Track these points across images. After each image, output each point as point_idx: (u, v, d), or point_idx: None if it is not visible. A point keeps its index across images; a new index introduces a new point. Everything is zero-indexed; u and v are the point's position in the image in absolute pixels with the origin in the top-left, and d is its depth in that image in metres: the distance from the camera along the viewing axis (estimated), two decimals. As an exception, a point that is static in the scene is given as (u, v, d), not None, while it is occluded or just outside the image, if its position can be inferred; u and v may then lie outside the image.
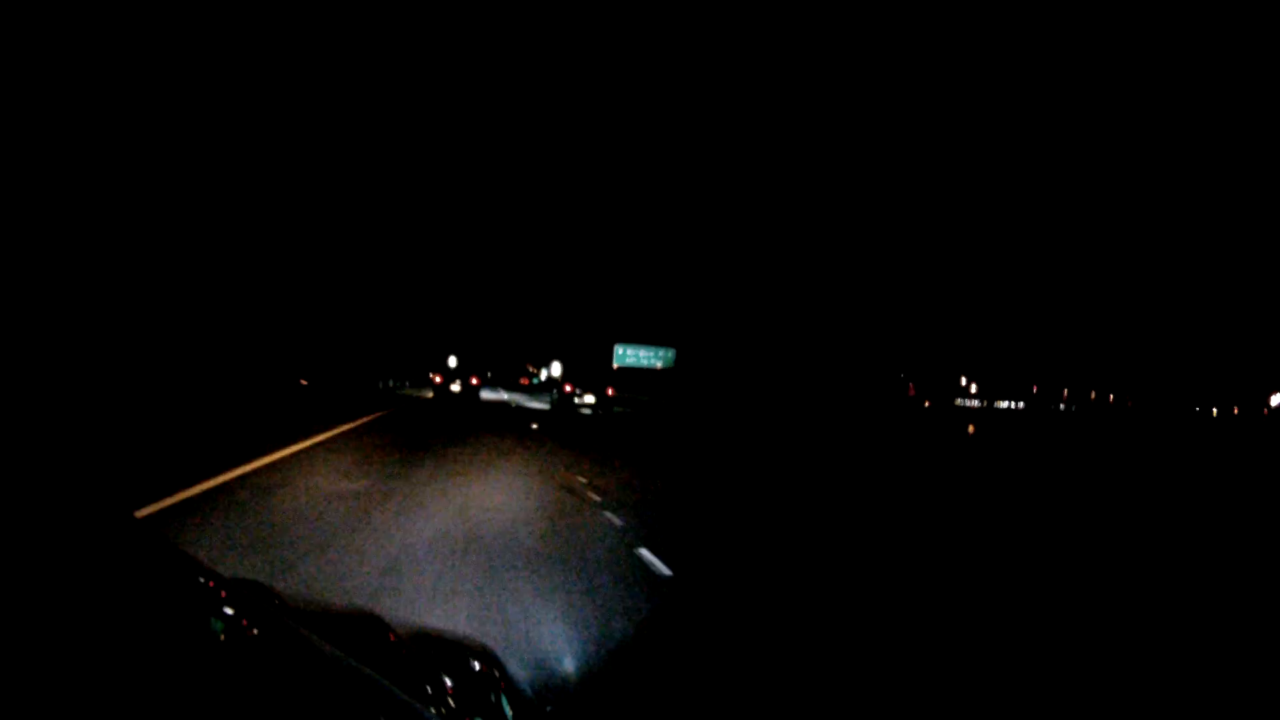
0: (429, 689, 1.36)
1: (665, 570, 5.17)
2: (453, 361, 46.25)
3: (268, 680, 1.10)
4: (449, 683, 1.44)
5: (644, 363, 45.88)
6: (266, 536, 5.46)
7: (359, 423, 15.67)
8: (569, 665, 3.42)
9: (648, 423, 24.03)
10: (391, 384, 43.66)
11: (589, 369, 47.54)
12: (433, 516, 6.51)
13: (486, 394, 43.06)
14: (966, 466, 15.38)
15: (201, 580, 1.58)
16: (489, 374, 78.04)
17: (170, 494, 6.62)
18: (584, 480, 9.37)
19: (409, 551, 5.25)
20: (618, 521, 6.75)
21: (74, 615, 0.95)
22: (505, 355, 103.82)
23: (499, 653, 1.77)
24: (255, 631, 1.31)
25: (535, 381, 74.84)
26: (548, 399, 36.97)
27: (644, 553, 5.60)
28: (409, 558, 5.08)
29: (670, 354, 46.49)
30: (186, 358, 19.42)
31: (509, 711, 1.46)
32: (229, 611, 1.35)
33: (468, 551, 5.36)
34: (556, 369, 61.28)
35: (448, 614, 4.00)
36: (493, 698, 1.52)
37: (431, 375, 37.20)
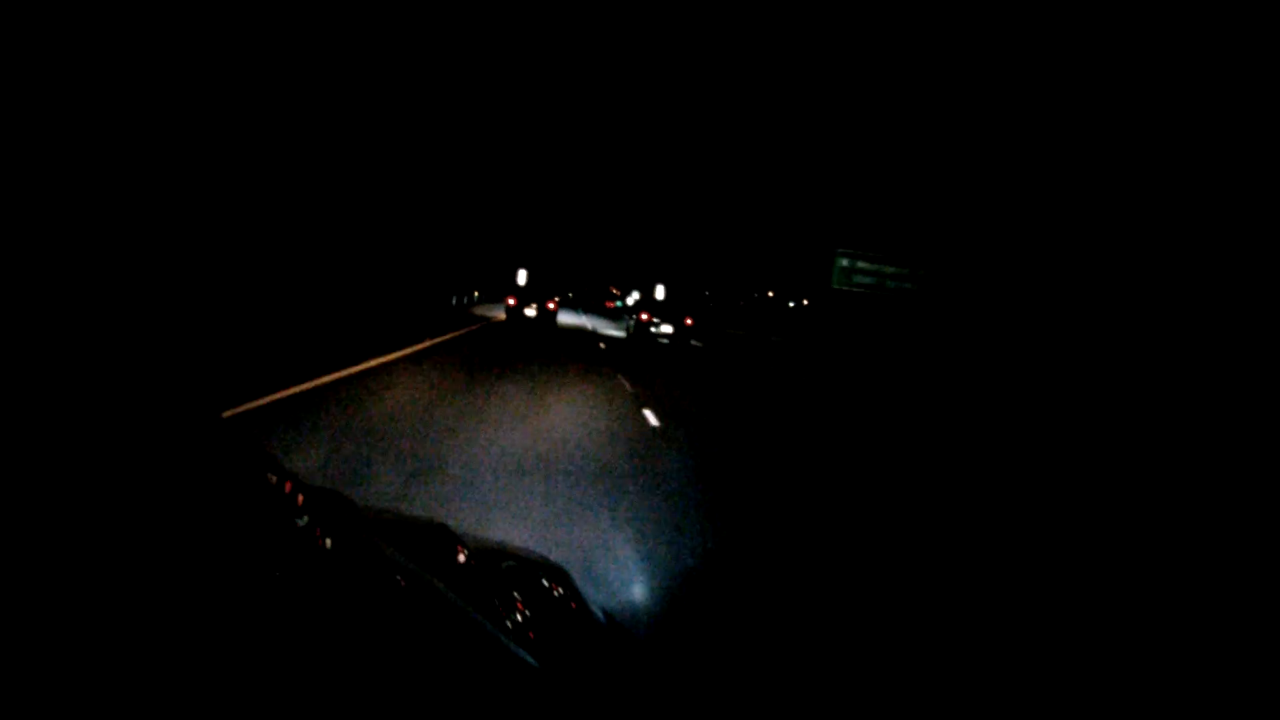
0: (498, 603, 1.41)
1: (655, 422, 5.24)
2: (522, 277, 43.24)
3: (338, 590, 1.17)
4: (518, 597, 1.50)
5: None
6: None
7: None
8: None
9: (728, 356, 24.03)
10: (465, 300, 42.08)
11: (670, 296, 47.34)
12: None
13: (566, 317, 41.36)
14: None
15: (282, 486, 1.69)
16: (570, 294, 76.96)
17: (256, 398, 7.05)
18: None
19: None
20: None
21: (156, 515, 1.03)
22: (590, 274, 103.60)
23: (568, 568, 1.82)
24: (329, 541, 1.39)
25: (619, 305, 74.26)
26: (623, 326, 37.02)
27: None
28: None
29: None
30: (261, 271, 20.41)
31: (577, 627, 1.50)
32: (305, 520, 1.44)
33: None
34: (634, 296, 60.88)
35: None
36: (561, 613, 1.55)
37: (506, 298, 34.44)
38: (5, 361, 1.12)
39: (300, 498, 1.56)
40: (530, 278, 44.12)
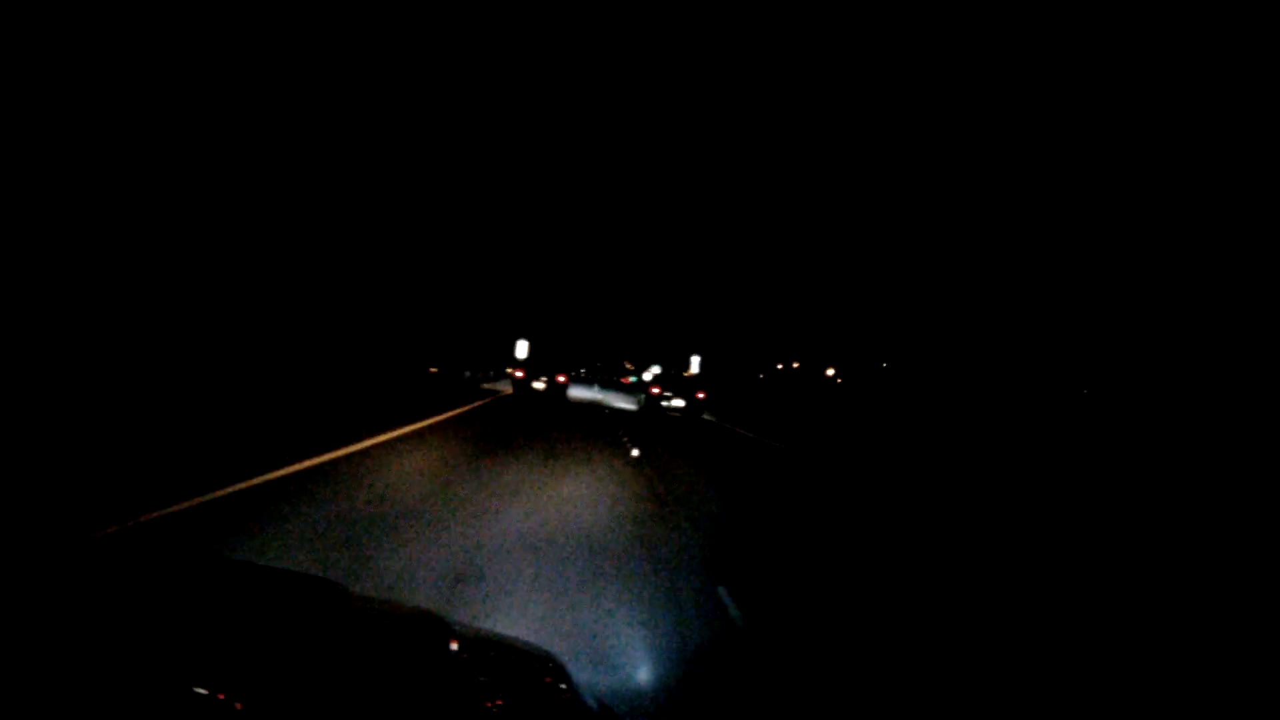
0: (488, 698, 1.41)
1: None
2: (522, 349, 39.78)
3: (322, 684, 1.19)
4: (507, 687, 1.50)
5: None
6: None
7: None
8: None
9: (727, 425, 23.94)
10: (468, 374, 41.98)
11: (679, 373, 47.63)
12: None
13: (577, 392, 40.23)
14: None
15: (263, 579, 1.72)
16: (582, 370, 76.99)
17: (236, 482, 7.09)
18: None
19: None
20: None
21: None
22: (605, 350, 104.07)
23: (564, 661, 1.82)
24: (317, 634, 1.41)
25: (634, 381, 75.06)
26: (635, 400, 37.09)
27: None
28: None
29: None
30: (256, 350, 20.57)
31: (567, 716, 1.47)
32: (290, 613, 1.47)
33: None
34: (650, 373, 61.02)
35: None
36: (551, 703, 1.55)
37: (511, 370, 33.10)
38: None
39: (285, 593, 1.59)
40: (534, 350, 41.78)
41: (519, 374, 31.72)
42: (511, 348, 46.32)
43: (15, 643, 1.09)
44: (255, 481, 7.07)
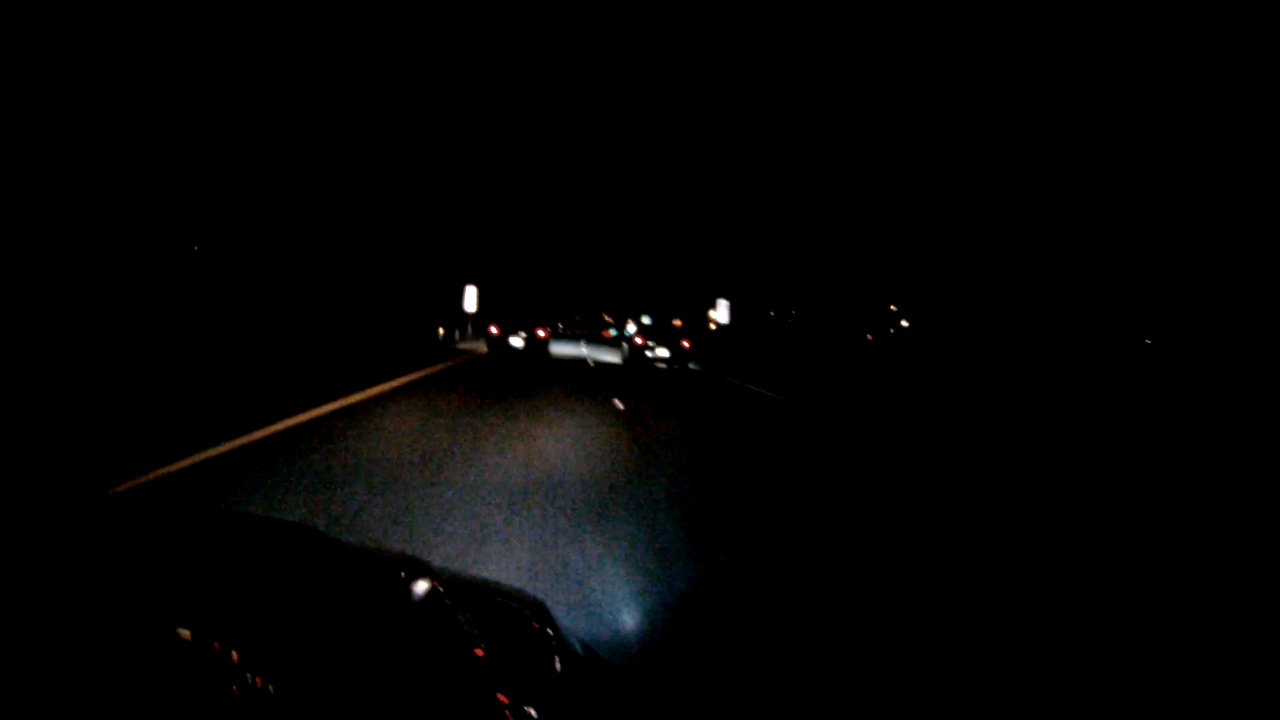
0: (473, 644, 1.44)
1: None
2: (470, 299, 36.25)
3: (305, 628, 1.22)
4: (491, 631, 1.53)
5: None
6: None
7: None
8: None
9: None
10: (446, 333, 40.59)
11: (668, 323, 47.50)
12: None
13: (559, 348, 38.68)
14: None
15: (242, 524, 1.75)
16: (559, 324, 75.58)
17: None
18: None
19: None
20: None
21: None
22: (585, 302, 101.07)
23: (550, 606, 1.86)
24: (296, 576, 1.45)
25: (615, 334, 74.58)
26: (619, 353, 37.12)
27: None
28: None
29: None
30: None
31: (558, 668, 1.50)
32: (267, 555, 1.50)
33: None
34: (632, 327, 60.36)
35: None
36: (539, 654, 1.58)
37: (488, 326, 31.18)
38: None
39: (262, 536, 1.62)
40: (493, 300, 38.64)
41: (494, 330, 30.30)
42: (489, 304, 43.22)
43: (16, 595, 1.13)
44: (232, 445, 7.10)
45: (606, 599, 4.07)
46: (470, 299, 36.94)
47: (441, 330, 37.25)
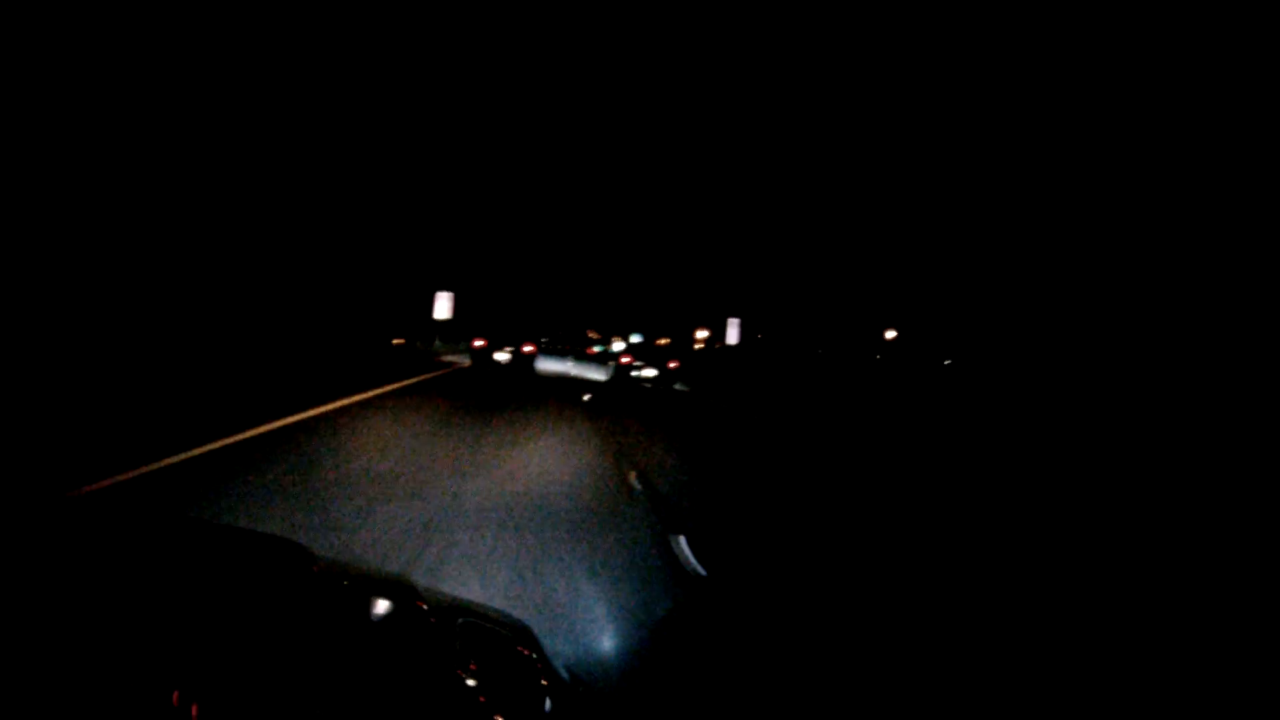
0: (459, 666, 1.44)
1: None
2: (443, 306, 33.27)
3: (287, 647, 1.22)
4: (476, 654, 1.53)
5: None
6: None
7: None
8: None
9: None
10: (429, 344, 39.17)
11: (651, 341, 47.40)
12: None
13: (545, 364, 37.29)
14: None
15: (225, 540, 1.74)
16: (543, 339, 74.80)
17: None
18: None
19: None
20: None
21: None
22: (570, 317, 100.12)
23: (535, 629, 1.86)
24: (281, 595, 1.44)
25: (600, 351, 74.45)
26: (605, 370, 37.09)
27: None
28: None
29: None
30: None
31: (544, 694, 1.51)
32: (253, 574, 1.49)
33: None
34: (619, 345, 60.00)
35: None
36: (527, 679, 1.58)
37: (471, 340, 30.45)
38: None
39: (248, 554, 1.61)
40: (458, 305, 35.47)
41: (478, 343, 29.80)
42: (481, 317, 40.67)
43: None
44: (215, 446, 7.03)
45: (590, 622, 4.06)
46: (443, 306, 33.47)
47: (401, 340, 34.41)
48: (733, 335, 41.57)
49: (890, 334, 46.65)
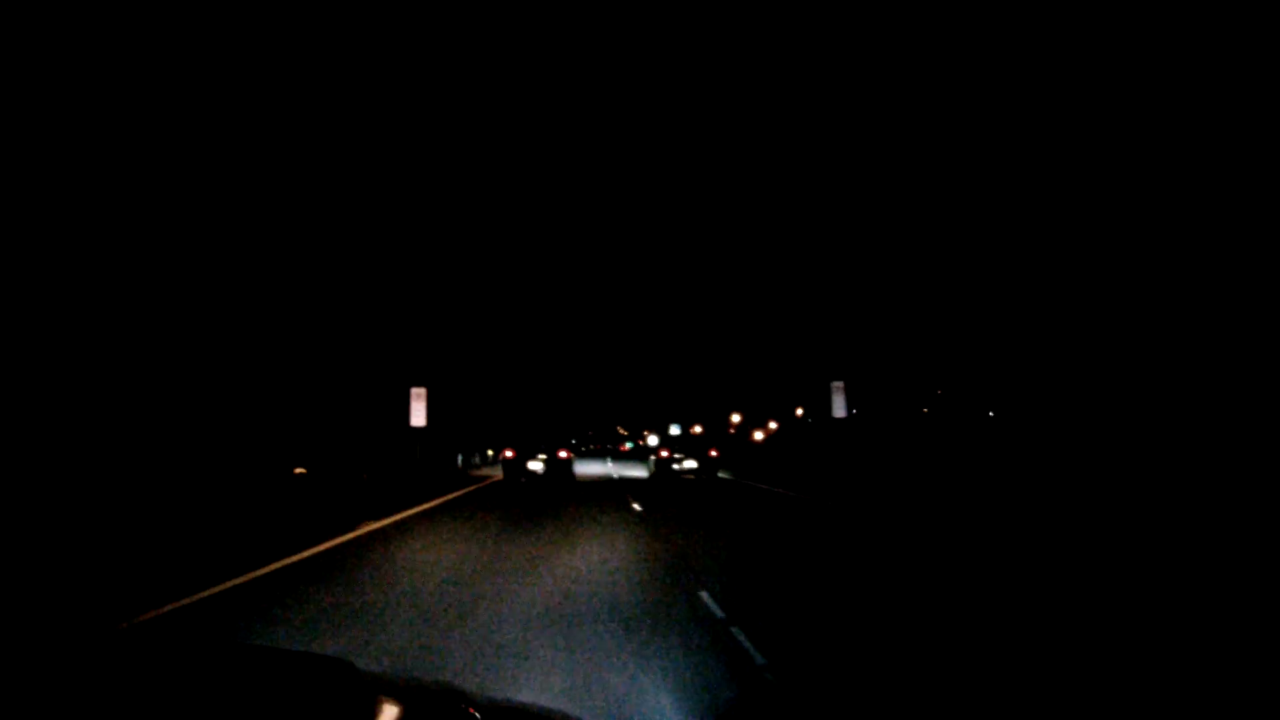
0: None
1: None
2: (419, 411, 23.49)
3: None
4: None
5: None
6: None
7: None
8: None
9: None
10: (468, 460, 37.86)
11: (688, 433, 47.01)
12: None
13: (585, 468, 35.90)
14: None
15: (273, 662, 1.77)
16: (573, 440, 74.02)
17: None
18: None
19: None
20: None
21: None
22: (594, 418, 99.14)
23: None
24: (331, 714, 1.46)
25: (632, 447, 74.17)
26: (645, 466, 36.99)
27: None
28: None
29: None
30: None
31: None
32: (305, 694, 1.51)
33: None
34: (653, 439, 59.40)
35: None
36: None
37: (502, 451, 29.34)
38: None
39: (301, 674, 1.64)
40: (433, 401, 27.63)
41: (509, 453, 28.54)
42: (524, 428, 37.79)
43: None
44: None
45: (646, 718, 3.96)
46: (418, 411, 24.65)
47: (303, 470, 24.77)
48: (839, 407, 33.05)
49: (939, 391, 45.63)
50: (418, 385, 24.94)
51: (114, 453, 16.29)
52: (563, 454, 28.69)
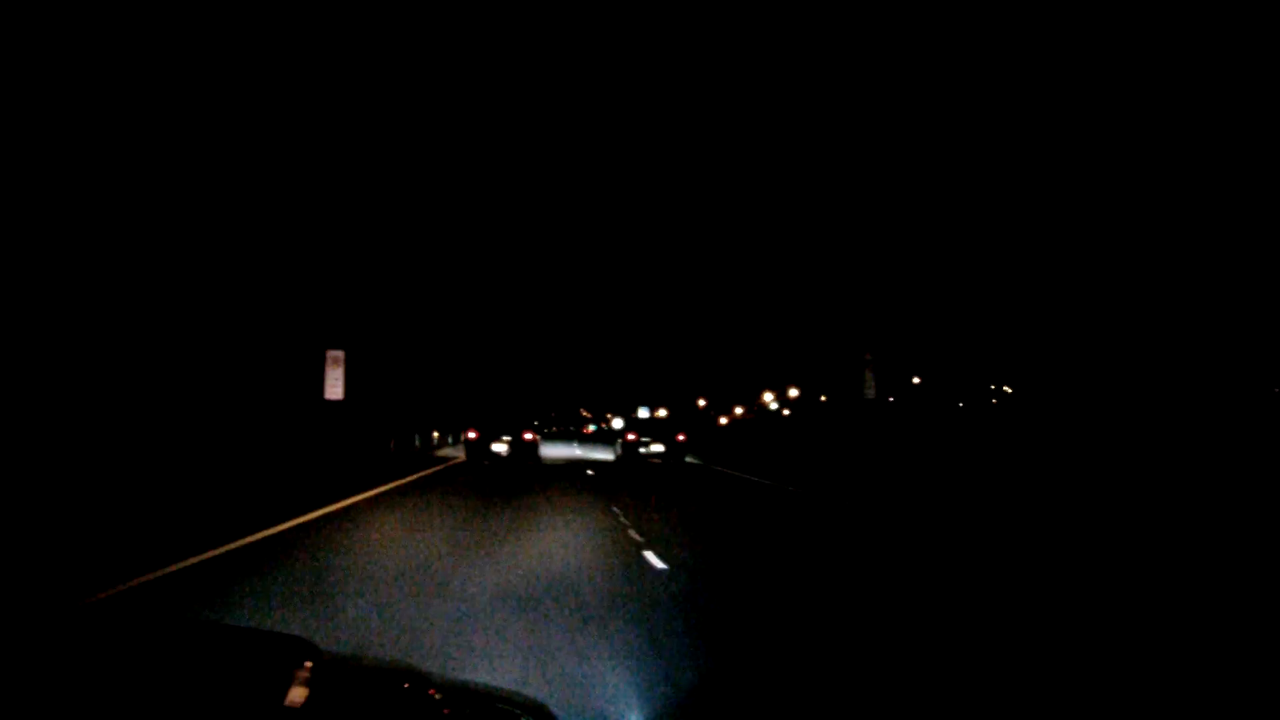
0: None
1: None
2: (335, 377, 22.06)
3: None
4: None
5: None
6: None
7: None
8: None
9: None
10: (422, 441, 34.42)
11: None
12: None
13: (549, 450, 34.77)
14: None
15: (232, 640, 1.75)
16: (535, 422, 73.19)
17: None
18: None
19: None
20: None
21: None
22: (557, 398, 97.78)
23: (556, 711, 1.85)
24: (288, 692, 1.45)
25: (596, 430, 73.94)
26: (611, 450, 36.98)
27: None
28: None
29: None
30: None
31: None
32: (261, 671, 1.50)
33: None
34: (618, 423, 59.24)
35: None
36: None
37: (465, 431, 28.52)
38: None
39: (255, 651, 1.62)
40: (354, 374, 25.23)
41: (472, 434, 27.82)
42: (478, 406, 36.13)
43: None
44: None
45: (605, 701, 3.99)
46: (335, 378, 21.34)
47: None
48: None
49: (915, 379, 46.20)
50: (335, 349, 21.55)
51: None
52: (528, 436, 28.18)
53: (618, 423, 65.54)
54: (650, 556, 8.27)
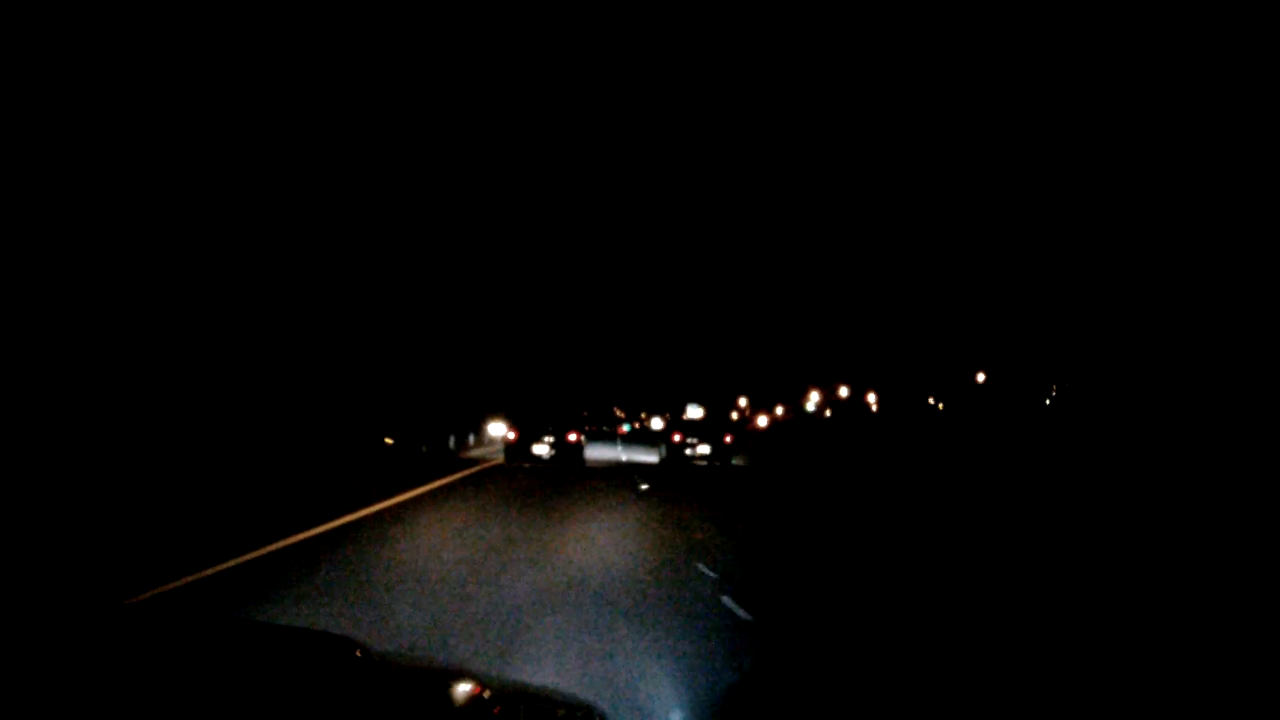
0: None
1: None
2: None
3: None
4: None
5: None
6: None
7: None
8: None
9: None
10: (454, 443, 32.96)
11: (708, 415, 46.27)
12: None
13: (593, 453, 32.14)
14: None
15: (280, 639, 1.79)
16: (584, 424, 72.30)
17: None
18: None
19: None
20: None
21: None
22: (585, 396, 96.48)
23: (605, 710, 1.86)
24: (335, 691, 1.48)
25: (630, 430, 73.34)
26: (656, 452, 36.72)
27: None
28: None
29: None
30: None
31: None
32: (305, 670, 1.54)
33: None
34: (657, 423, 58.59)
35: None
36: None
37: (506, 431, 27.66)
38: None
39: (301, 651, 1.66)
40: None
41: (511, 435, 26.86)
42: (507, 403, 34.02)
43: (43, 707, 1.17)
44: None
45: (653, 700, 4.00)
46: None
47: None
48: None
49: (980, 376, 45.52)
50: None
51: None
52: (571, 437, 26.79)
53: (656, 423, 65.00)
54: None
